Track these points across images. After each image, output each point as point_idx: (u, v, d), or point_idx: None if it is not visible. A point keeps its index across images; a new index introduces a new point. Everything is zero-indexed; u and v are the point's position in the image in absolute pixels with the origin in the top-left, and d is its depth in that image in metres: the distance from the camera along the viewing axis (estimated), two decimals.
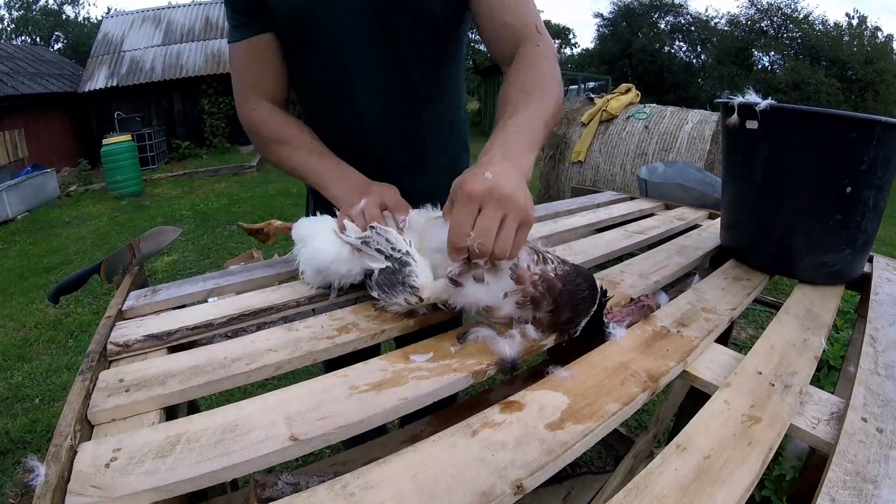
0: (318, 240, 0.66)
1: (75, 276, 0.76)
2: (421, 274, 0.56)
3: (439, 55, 0.82)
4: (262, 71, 0.80)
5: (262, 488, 0.42)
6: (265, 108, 0.80)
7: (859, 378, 0.52)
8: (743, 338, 2.29)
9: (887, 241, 4.39)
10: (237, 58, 0.79)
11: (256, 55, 0.78)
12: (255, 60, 0.79)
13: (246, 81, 0.80)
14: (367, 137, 0.84)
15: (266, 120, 0.80)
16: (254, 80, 0.80)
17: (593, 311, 0.53)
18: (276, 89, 0.81)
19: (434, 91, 0.84)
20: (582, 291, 0.53)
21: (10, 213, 5.60)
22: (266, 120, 0.80)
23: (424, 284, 0.55)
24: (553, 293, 0.52)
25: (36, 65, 9.99)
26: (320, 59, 0.78)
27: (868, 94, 14.76)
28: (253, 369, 0.50)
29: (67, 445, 0.38)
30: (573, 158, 4.13)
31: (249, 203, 5.62)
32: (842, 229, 0.71)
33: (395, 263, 0.57)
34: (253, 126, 0.80)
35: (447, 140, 0.92)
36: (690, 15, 18.35)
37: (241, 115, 0.82)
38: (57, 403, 2.09)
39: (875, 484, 0.38)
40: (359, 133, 0.84)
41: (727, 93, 0.80)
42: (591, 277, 0.55)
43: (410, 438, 0.71)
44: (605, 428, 0.43)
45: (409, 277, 0.55)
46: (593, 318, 0.53)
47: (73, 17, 22.13)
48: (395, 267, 0.57)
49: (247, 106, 0.80)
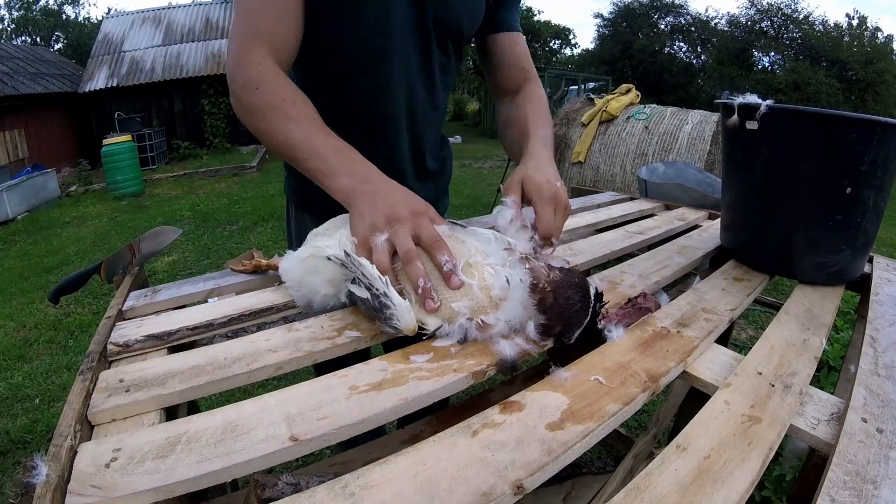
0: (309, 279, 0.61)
1: (75, 277, 0.76)
2: (402, 318, 0.51)
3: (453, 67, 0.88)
4: (281, 20, 0.67)
5: (262, 488, 0.42)
6: (270, 66, 0.66)
7: (859, 378, 0.52)
8: (743, 338, 2.30)
9: (887, 242, 4.39)
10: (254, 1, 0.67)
11: (280, 2, 0.67)
12: (276, 7, 0.67)
13: (257, 27, 0.66)
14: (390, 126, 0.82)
15: (269, 79, 0.65)
16: (268, 28, 0.66)
17: (586, 322, 0.52)
18: (288, 47, 0.69)
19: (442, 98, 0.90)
20: (574, 304, 0.52)
21: (11, 213, 5.60)
22: (269, 79, 0.65)
23: (408, 328, 0.52)
24: (544, 306, 0.52)
25: (36, 65, 9.99)
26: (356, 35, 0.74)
27: (868, 95, 14.76)
28: (253, 370, 0.50)
29: (67, 445, 0.38)
30: (573, 159, 4.13)
31: (249, 203, 5.62)
32: (842, 230, 0.71)
33: (373, 300, 0.52)
34: (250, 83, 0.65)
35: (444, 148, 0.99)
36: (690, 15, 18.36)
37: (236, 69, 0.66)
38: (57, 403, 2.09)
39: (875, 484, 0.38)
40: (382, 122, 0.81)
41: (727, 93, 0.80)
42: (584, 285, 0.53)
43: (410, 438, 0.71)
44: (605, 428, 0.43)
45: (391, 321, 0.52)
46: (587, 326, 0.53)
47: (73, 18, 22.16)
48: (375, 304, 0.52)
49: (248, 58, 0.65)
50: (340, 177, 0.61)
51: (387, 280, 0.52)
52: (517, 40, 0.89)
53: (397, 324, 0.52)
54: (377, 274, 0.52)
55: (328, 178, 0.62)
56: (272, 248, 4.05)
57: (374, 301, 0.52)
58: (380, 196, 0.59)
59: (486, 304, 0.53)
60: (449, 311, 0.53)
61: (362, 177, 0.61)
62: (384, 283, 0.51)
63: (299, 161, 0.63)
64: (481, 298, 0.53)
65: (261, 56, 0.65)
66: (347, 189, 0.60)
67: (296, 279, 0.62)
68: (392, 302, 0.51)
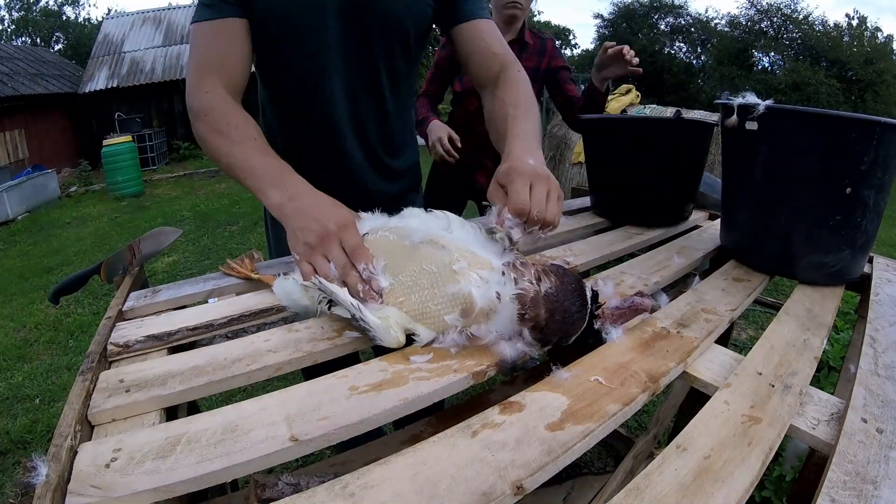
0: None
1: (75, 277, 0.76)
2: (384, 338, 0.52)
3: (405, 70, 0.89)
4: (229, 53, 0.75)
5: (263, 489, 0.42)
6: (219, 93, 0.73)
7: (859, 379, 0.52)
8: (743, 338, 2.29)
9: (887, 242, 4.39)
10: (203, 36, 0.74)
11: (226, 36, 0.74)
12: (223, 40, 0.75)
13: (208, 60, 0.74)
14: (339, 137, 0.87)
15: (216, 106, 0.72)
16: (217, 60, 0.74)
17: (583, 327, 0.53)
18: (236, 76, 0.76)
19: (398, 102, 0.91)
20: (571, 316, 0.51)
21: (11, 213, 5.60)
22: (216, 106, 0.72)
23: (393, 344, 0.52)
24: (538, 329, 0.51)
25: (36, 66, 10.00)
26: (299, 52, 0.79)
27: (868, 95, 14.76)
28: (253, 370, 0.50)
29: (68, 446, 0.38)
30: (573, 159, 4.13)
31: (249, 204, 5.62)
32: (842, 230, 0.71)
33: (353, 321, 0.53)
34: (201, 111, 0.72)
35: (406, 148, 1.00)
36: (690, 16, 18.36)
37: (190, 99, 0.73)
38: (57, 404, 2.09)
39: (875, 484, 0.38)
40: (332, 132, 0.86)
41: (727, 93, 0.80)
42: (581, 290, 0.52)
43: (410, 439, 0.71)
44: (605, 428, 0.43)
45: (374, 341, 0.53)
46: (585, 329, 0.53)
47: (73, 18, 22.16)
48: (357, 325, 0.53)
49: (200, 87, 0.73)
50: (272, 193, 0.66)
51: (358, 304, 0.53)
52: (482, 27, 0.86)
53: (381, 342, 0.52)
54: (349, 300, 0.53)
55: (263, 194, 0.67)
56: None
57: (354, 322, 0.53)
58: (308, 212, 0.64)
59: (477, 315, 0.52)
60: (441, 323, 0.53)
61: (292, 192, 0.66)
62: (357, 307, 0.52)
63: (241, 180, 0.70)
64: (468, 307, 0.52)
65: (210, 84, 0.73)
66: (279, 204, 0.65)
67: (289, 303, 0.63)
68: (369, 325, 0.52)
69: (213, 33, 0.74)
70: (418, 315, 0.54)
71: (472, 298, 0.51)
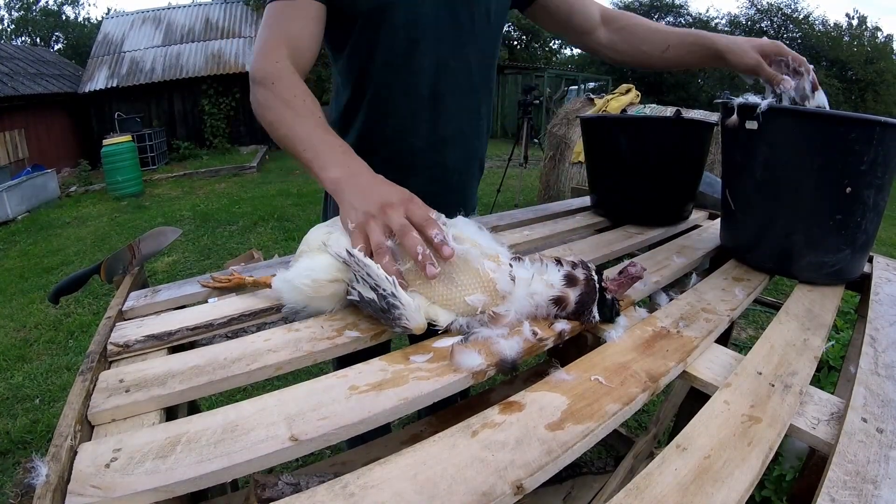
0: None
1: (75, 277, 0.76)
2: (411, 318, 0.52)
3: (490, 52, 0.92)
4: (303, 33, 0.76)
5: (263, 488, 0.42)
6: (288, 65, 0.73)
7: (859, 378, 0.52)
8: (743, 338, 2.30)
9: (887, 242, 4.39)
10: (279, 12, 0.76)
11: (303, 15, 0.76)
12: (299, 19, 0.76)
13: (282, 34, 0.75)
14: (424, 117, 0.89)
15: (284, 76, 0.72)
16: (291, 35, 0.75)
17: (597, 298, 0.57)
18: (305, 57, 0.77)
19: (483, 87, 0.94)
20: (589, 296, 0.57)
21: (11, 213, 5.60)
22: (284, 76, 0.72)
23: (417, 326, 0.52)
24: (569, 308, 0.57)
25: (36, 65, 9.99)
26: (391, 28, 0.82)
27: (868, 95, 14.76)
28: (253, 370, 0.50)
29: (67, 446, 0.38)
30: (573, 159, 4.13)
31: (249, 203, 5.62)
32: (842, 229, 0.71)
33: (380, 300, 0.52)
34: (268, 77, 0.72)
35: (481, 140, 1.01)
36: (691, 15, 18.37)
37: (256, 65, 0.74)
38: (57, 404, 2.09)
39: (875, 484, 0.38)
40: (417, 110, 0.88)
41: (727, 93, 0.80)
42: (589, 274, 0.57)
43: (410, 438, 0.71)
44: (605, 428, 0.43)
45: (399, 320, 0.52)
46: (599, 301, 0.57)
47: (73, 18, 22.13)
48: (382, 305, 0.52)
49: (270, 56, 0.73)
50: (333, 168, 0.64)
51: (394, 280, 0.52)
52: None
53: (406, 323, 0.52)
54: (384, 275, 0.51)
55: (322, 169, 0.64)
56: (272, 249, 4.05)
57: (382, 302, 0.51)
58: (369, 188, 0.61)
59: (495, 297, 0.55)
60: (463, 305, 0.54)
61: (353, 170, 0.64)
62: (392, 283, 0.51)
63: (298, 152, 0.67)
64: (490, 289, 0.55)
65: (281, 56, 0.73)
66: (338, 179, 0.63)
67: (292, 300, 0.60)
68: (401, 302, 0.51)
69: (290, 11, 0.76)
70: (440, 298, 0.54)
71: (493, 281, 0.54)
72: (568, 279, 0.57)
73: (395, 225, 0.56)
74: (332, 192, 0.63)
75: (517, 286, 0.55)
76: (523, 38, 20.64)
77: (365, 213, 0.58)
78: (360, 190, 0.61)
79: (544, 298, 0.56)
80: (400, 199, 0.59)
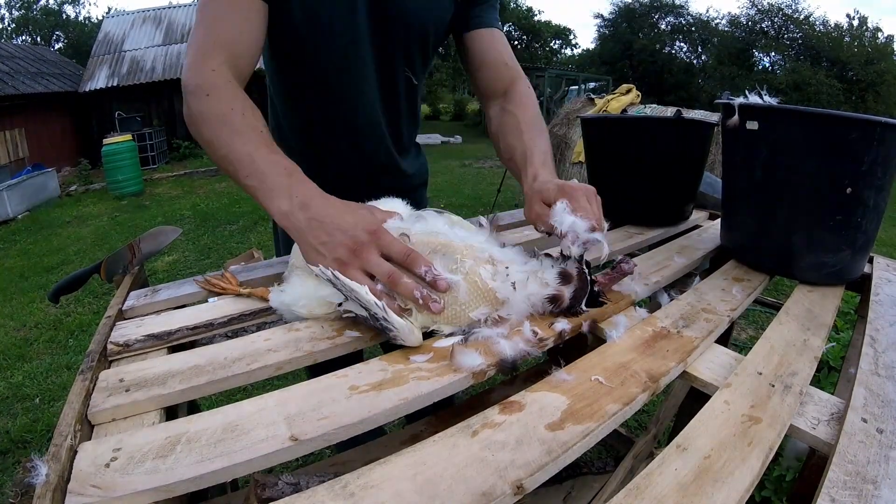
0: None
1: (75, 276, 0.76)
2: (406, 339, 0.52)
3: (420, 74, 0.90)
4: (243, 34, 0.67)
5: (263, 488, 0.42)
6: (225, 74, 0.64)
7: (859, 379, 0.52)
8: (743, 338, 2.30)
9: (887, 242, 4.39)
10: (215, 7, 0.66)
11: (243, 14, 0.67)
12: (238, 18, 0.66)
13: (217, 36, 0.65)
14: (358, 134, 0.87)
15: (220, 86, 0.63)
16: (228, 39, 0.66)
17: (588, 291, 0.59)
18: (244, 61, 0.68)
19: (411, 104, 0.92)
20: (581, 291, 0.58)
21: (11, 212, 5.60)
22: (220, 86, 0.63)
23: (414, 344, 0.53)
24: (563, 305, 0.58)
25: (36, 64, 9.99)
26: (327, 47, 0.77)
27: (869, 95, 14.76)
28: (253, 369, 0.50)
29: (67, 445, 0.38)
30: (574, 159, 4.13)
31: (250, 203, 5.62)
32: (842, 230, 0.71)
33: (373, 321, 0.52)
34: (201, 89, 0.62)
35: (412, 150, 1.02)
36: (691, 15, 18.37)
37: (189, 74, 0.64)
38: (57, 403, 2.09)
39: (875, 484, 0.38)
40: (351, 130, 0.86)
41: (727, 93, 0.80)
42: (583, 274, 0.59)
43: (410, 438, 0.71)
44: (605, 428, 0.43)
45: (396, 340, 0.53)
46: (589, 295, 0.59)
47: (73, 17, 22.15)
48: (377, 326, 0.52)
49: (204, 63, 0.64)
50: (278, 199, 0.58)
51: (383, 305, 0.51)
52: (496, 37, 0.86)
53: (402, 342, 0.53)
54: (373, 300, 0.51)
55: (266, 198, 0.58)
56: (272, 248, 4.04)
57: (375, 323, 0.52)
58: (327, 224, 0.56)
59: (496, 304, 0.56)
60: (467, 320, 0.55)
61: (302, 200, 0.57)
62: (381, 307, 0.51)
63: (240, 177, 0.60)
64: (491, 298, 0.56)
65: (217, 63, 0.64)
66: (286, 213, 0.57)
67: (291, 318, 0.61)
68: (393, 326, 0.51)
69: (227, 7, 0.66)
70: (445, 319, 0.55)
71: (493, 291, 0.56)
72: (562, 277, 0.58)
73: (379, 272, 0.54)
74: (285, 227, 0.58)
75: (517, 291, 0.56)
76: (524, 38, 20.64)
77: (335, 259, 0.54)
78: (321, 229, 0.56)
79: (540, 298, 0.57)
80: (366, 232, 0.55)
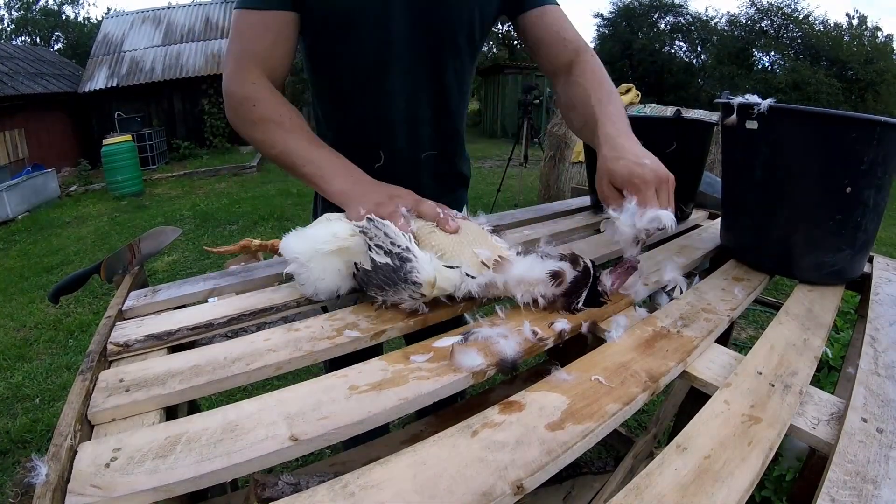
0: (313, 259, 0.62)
1: (75, 276, 0.76)
2: (423, 270, 0.55)
3: (467, 68, 0.87)
4: (275, 46, 0.73)
5: (262, 488, 0.42)
6: (265, 85, 0.73)
7: (859, 378, 0.52)
8: (743, 338, 2.29)
9: (887, 242, 4.39)
10: (250, 25, 0.72)
11: (275, 28, 0.73)
12: (271, 33, 0.73)
13: (252, 51, 0.73)
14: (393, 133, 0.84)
15: (264, 98, 0.72)
16: (263, 53, 0.73)
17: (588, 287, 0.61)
18: (280, 71, 0.75)
19: (458, 102, 0.88)
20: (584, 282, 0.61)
21: (11, 213, 5.60)
22: (264, 98, 0.72)
23: (428, 280, 0.55)
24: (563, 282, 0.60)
25: (36, 65, 9.99)
26: (359, 48, 0.76)
27: (868, 95, 14.76)
28: (253, 369, 0.50)
29: (67, 445, 0.38)
30: (573, 159, 4.13)
31: (250, 203, 5.62)
32: (842, 229, 0.71)
33: (394, 260, 0.56)
34: (246, 100, 0.72)
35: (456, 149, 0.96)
36: (690, 15, 18.35)
37: (231, 86, 0.72)
38: (57, 403, 2.09)
39: (875, 484, 0.38)
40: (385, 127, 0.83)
41: (727, 93, 0.80)
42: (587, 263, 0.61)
43: (410, 438, 0.71)
44: (605, 428, 0.43)
45: (411, 274, 0.55)
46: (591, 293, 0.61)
47: (72, 18, 22.13)
48: (396, 264, 0.56)
49: (245, 77, 0.72)
50: (336, 180, 0.69)
51: (409, 237, 0.58)
52: (549, 13, 0.84)
53: (417, 276, 0.55)
54: (400, 232, 0.58)
55: (325, 181, 0.69)
56: None
57: (396, 260, 0.56)
58: (375, 188, 0.69)
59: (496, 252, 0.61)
60: (471, 256, 0.60)
61: (357, 179, 0.70)
62: (407, 238, 0.57)
63: (297, 167, 0.71)
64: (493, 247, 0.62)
65: (255, 76, 0.72)
66: (343, 189, 0.68)
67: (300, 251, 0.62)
68: (414, 255, 0.56)
69: (260, 25, 0.72)
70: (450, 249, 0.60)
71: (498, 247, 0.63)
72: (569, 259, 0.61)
73: (406, 202, 0.65)
74: (341, 202, 0.68)
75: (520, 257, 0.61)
76: None
77: (375, 203, 0.65)
78: (365, 192, 0.67)
79: (543, 271, 0.59)
80: (406, 191, 0.68)
